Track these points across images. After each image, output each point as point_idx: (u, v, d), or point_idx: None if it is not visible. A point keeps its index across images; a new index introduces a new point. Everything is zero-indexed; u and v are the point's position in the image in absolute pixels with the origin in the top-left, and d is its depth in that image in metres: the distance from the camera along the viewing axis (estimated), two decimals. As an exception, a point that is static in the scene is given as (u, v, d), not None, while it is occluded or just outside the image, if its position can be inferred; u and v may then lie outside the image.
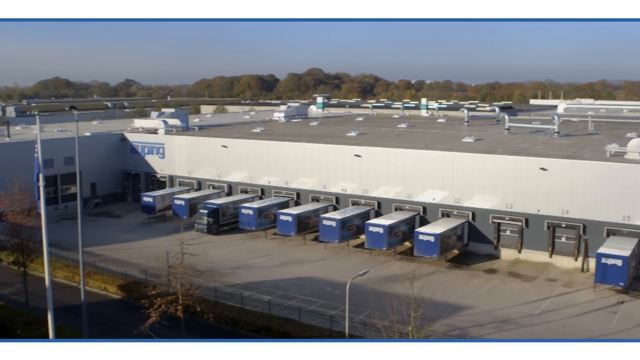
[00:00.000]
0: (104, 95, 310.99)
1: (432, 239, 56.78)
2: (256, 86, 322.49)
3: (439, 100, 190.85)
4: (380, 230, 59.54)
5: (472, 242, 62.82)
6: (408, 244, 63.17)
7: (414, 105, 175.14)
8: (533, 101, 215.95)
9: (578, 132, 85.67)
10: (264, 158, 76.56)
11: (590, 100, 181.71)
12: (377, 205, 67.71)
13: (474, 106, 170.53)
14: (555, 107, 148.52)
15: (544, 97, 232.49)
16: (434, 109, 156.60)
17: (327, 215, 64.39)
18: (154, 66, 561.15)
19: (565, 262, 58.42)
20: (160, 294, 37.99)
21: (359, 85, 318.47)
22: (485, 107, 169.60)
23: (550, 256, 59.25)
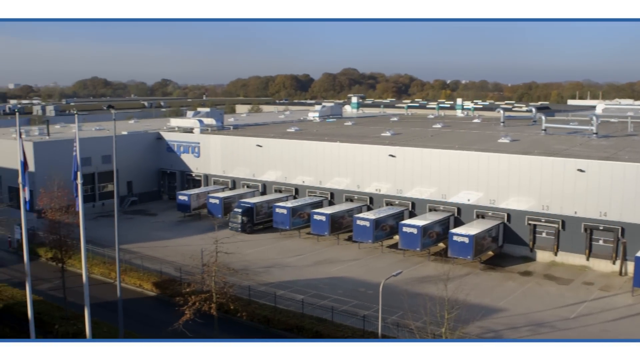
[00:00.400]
0: (140, 95, 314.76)
1: (466, 240, 56.35)
2: (291, 86, 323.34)
3: (475, 101, 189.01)
4: (414, 231, 59.26)
5: (507, 243, 62.18)
6: (442, 245, 62.80)
7: (449, 105, 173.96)
8: (571, 101, 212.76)
9: (617, 133, 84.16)
10: (298, 158, 76.76)
11: (630, 101, 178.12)
12: (411, 205, 67.41)
13: (510, 106, 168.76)
14: (593, 107, 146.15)
15: (582, 98, 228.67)
16: (470, 109, 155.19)
17: (360, 215, 64.30)
18: (190, 66, 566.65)
19: (602, 266, 57.47)
20: (195, 292, 38.25)
21: (393, 85, 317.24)
22: (521, 107, 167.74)
23: (587, 259, 58.33)
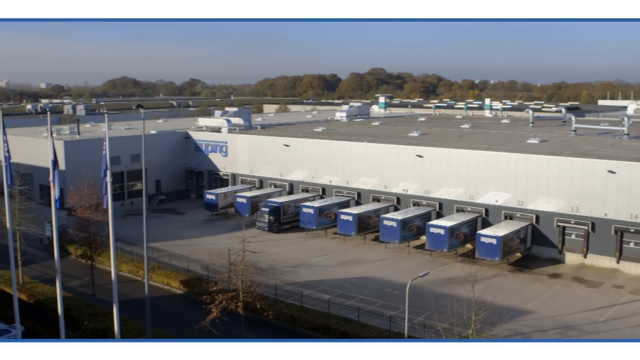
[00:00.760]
0: (169, 94, 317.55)
1: (494, 241, 55.92)
2: (318, 86, 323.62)
3: (503, 101, 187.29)
4: (442, 232, 58.97)
5: (535, 245, 61.58)
6: (469, 246, 62.40)
7: (477, 105, 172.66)
8: (601, 102, 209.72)
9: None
10: (325, 157, 76.80)
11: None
12: (438, 206, 67.07)
13: (540, 107, 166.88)
14: (624, 108, 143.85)
15: (613, 98, 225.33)
16: (498, 110, 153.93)
17: (387, 216, 64.15)
18: (218, 66, 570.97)
19: (633, 268, 56.63)
20: (221, 291, 38.46)
21: (421, 85, 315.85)
22: (551, 107, 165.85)
23: (618, 262, 57.52)
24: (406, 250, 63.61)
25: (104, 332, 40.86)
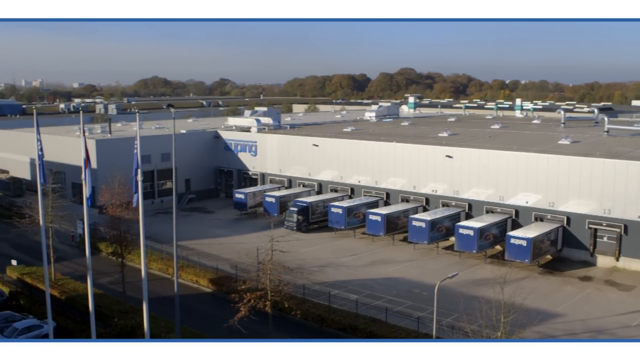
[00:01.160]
0: (199, 94, 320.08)
1: (524, 243, 55.38)
2: (348, 86, 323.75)
3: (534, 101, 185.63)
4: (471, 233, 58.57)
5: (566, 247, 60.84)
6: (499, 247, 61.84)
7: (507, 105, 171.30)
8: (635, 102, 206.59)
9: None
10: (354, 157, 76.71)
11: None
12: (467, 207, 66.62)
13: (571, 107, 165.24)
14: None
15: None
16: (529, 110, 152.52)
17: (416, 216, 63.88)
18: (248, 66, 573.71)
19: (666, 272, 55.76)
20: (250, 289, 38.65)
21: (451, 85, 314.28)
22: (583, 108, 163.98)
23: (651, 265, 56.68)
24: (435, 251, 63.29)
25: (133, 329, 41.28)
